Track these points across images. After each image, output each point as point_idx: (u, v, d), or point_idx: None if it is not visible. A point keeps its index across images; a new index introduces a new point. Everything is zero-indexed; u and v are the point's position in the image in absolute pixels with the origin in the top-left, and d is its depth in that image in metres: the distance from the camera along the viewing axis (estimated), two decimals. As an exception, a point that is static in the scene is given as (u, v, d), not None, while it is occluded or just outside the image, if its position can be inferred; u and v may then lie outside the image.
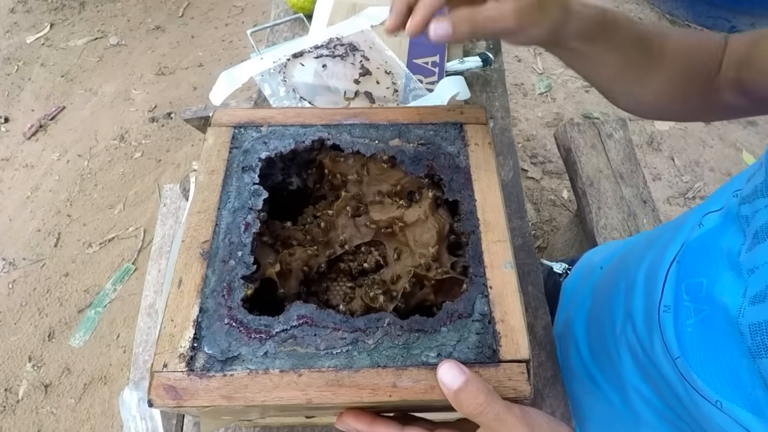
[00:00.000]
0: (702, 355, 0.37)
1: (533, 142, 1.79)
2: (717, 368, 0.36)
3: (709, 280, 0.38)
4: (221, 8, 2.29)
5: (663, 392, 0.44)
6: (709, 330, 0.37)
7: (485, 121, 0.45)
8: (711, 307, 0.37)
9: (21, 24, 2.22)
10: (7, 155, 1.80)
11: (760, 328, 0.31)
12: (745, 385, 0.33)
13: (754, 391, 0.33)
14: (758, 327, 0.31)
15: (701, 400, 0.37)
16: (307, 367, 0.32)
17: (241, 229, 0.38)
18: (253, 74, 0.73)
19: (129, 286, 1.48)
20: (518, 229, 0.70)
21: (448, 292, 0.41)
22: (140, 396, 0.68)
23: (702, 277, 0.39)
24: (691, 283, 0.40)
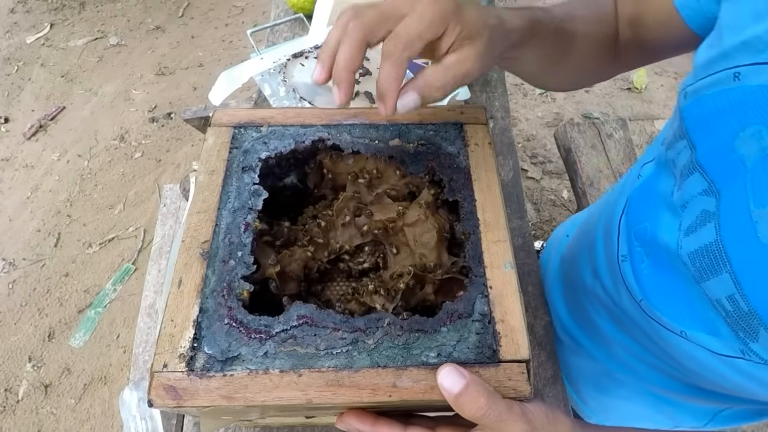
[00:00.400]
0: (660, 292, 0.41)
1: (533, 142, 1.79)
2: (674, 302, 0.40)
3: (651, 223, 0.42)
4: (221, 8, 2.29)
5: (636, 336, 0.48)
6: (660, 269, 0.41)
7: (485, 121, 0.45)
8: (656, 247, 0.41)
9: (21, 24, 2.23)
10: (7, 155, 1.80)
11: (698, 254, 0.34)
12: (699, 311, 0.37)
13: (706, 314, 0.36)
14: (696, 254, 0.35)
15: (668, 334, 0.41)
16: (307, 367, 0.32)
17: (241, 229, 0.38)
18: (253, 74, 0.73)
19: (129, 286, 1.49)
20: (518, 229, 0.70)
21: (448, 292, 0.41)
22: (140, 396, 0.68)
23: (645, 221, 0.43)
24: (638, 229, 0.45)
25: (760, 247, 0.30)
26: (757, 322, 0.31)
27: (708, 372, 0.40)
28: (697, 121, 0.36)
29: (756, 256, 0.30)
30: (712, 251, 0.33)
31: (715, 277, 0.33)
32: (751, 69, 0.32)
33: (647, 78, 1.93)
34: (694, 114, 0.37)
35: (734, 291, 0.32)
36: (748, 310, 0.31)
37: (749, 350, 0.33)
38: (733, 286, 0.32)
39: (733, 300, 0.32)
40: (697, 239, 0.35)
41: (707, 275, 0.34)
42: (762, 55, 0.31)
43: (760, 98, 0.31)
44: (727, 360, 0.36)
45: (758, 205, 0.30)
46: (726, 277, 0.32)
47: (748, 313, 0.31)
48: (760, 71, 0.31)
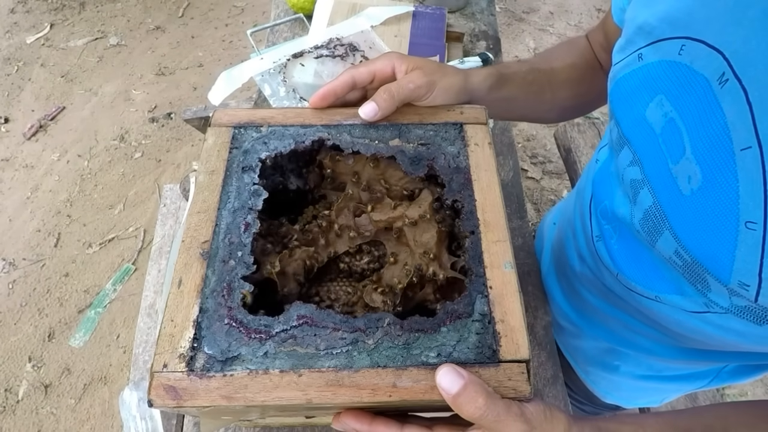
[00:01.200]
0: (631, 264, 0.45)
1: (533, 142, 1.79)
2: (643, 270, 0.43)
3: (609, 200, 0.47)
4: (221, 8, 2.29)
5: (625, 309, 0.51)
6: (626, 241, 0.45)
7: (485, 121, 0.45)
8: (617, 221, 0.45)
9: (21, 24, 2.23)
10: (7, 155, 1.80)
11: (645, 220, 0.38)
12: (665, 274, 0.40)
13: (671, 275, 0.39)
14: (643, 220, 0.38)
15: (647, 302, 0.44)
16: (307, 367, 0.32)
17: (241, 229, 0.38)
18: (253, 74, 0.73)
19: (129, 286, 1.49)
20: (518, 229, 0.70)
21: (448, 292, 0.41)
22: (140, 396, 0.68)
23: (605, 200, 0.48)
24: (601, 208, 0.49)
25: (683, 200, 0.34)
26: (702, 270, 0.34)
27: (690, 331, 0.42)
28: (618, 101, 0.42)
29: (684, 209, 0.34)
30: (653, 214, 0.37)
31: (660, 237, 0.37)
32: (649, 48, 0.37)
33: (647, 78, 1.93)
34: (615, 95, 0.42)
35: (677, 246, 0.35)
36: (692, 260, 0.34)
37: (710, 302, 0.35)
38: (674, 242, 0.35)
39: (679, 255, 0.35)
40: (641, 206, 0.39)
41: (655, 237, 0.37)
42: (652, 34, 0.37)
43: (660, 71, 0.36)
44: (699, 316, 0.38)
45: (673, 162, 0.35)
46: (667, 234, 0.36)
47: (692, 264, 0.34)
48: (657, 49, 0.37)
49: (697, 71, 0.33)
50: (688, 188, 0.33)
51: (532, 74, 0.53)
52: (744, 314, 0.33)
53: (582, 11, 2.29)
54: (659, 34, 0.36)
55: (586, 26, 2.21)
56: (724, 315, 0.35)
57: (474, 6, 0.96)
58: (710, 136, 0.31)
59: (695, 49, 0.33)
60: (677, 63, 0.34)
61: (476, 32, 0.91)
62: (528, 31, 2.18)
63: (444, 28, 0.83)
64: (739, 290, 0.31)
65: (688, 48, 0.34)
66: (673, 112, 0.35)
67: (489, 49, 0.89)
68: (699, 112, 0.32)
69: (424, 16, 0.85)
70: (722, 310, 0.35)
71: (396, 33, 0.82)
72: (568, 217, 0.64)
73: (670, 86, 0.35)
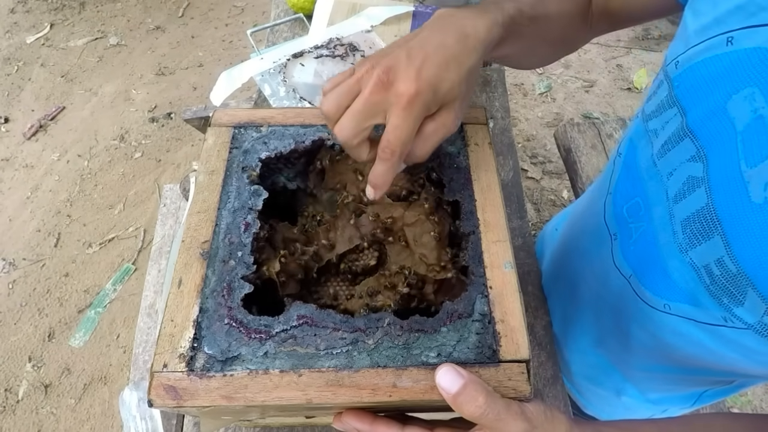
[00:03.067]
0: (645, 267, 0.43)
1: (533, 142, 1.79)
2: (658, 275, 0.41)
3: (641, 197, 0.43)
4: (221, 8, 2.29)
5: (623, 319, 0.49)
6: (645, 243, 0.43)
7: (485, 121, 0.45)
8: (648, 221, 0.42)
9: (21, 24, 2.23)
10: (7, 155, 1.80)
11: (690, 221, 0.35)
12: (680, 282, 0.38)
13: (687, 285, 0.37)
14: (688, 221, 0.35)
15: (652, 311, 0.42)
16: (307, 367, 0.32)
17: (241, 229, 0.38)
18: (253, 74, 0.73)
19: (129, 286, 1.48)
20: (518, 229, 0.70)
21: (448, 292, 0.41)
22: (140, 396, 0.68)
23: (636, 197, 0.44)
24: (631, 205, 0.45)
25: (751, 207, 0.31)
26: (745, 282, 0.32)
27: (691, 345, 0.41)
28: (689, 88, 0.37)
29: (747, 216, 0.31)
30: (703, 216, 0.34)
31: (707, 242, 0.34)
32: (744, 32, 0.32)
33: (647, 78, 1.94)
34: (687, 81, 0.37)
35: (724, 254, 0.32)
36: (737, 271, 0.32)
37: (732, 316, 0.34)
38: (723, 249, 0.32)
39: (721, 263, 0.33)
40: (689, 206, 0.35)
41: (698, 241, 0.35)
42: (755, 17, 0.32)
43: (755, 60, 0.31)
44: (710, 329, 0.37)
45: (750, 165, 0.31)
46: (717, 240, 0.33)
47: (736, 275, 0.32)
48: (754, 34, 0.32)
49: None
50: (761, 196, 0.30)
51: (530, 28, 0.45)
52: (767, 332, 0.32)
53: (582, 11, 2.28)
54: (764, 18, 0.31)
55: (586, 26, 2.21)
56: (742, 331, 0.34)
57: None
58: None
59: None
60: None
61: (476, 32, 0.91)
62: (528, 31, 2.17)
63: (444, 28, 0.83)
64: None
65: None
66: (765, 109, 0.31)
67: (489, 49, 0.88)
68: None
69: (424, 16, 0.84)
70: (743, 325, 0.33)
71: (396, 33, 0.82)
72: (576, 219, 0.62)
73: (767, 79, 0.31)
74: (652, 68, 1.97)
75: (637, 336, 0.48)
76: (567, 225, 0.67)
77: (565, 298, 0.63)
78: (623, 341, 0.52)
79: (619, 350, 0.53)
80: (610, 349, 0.55)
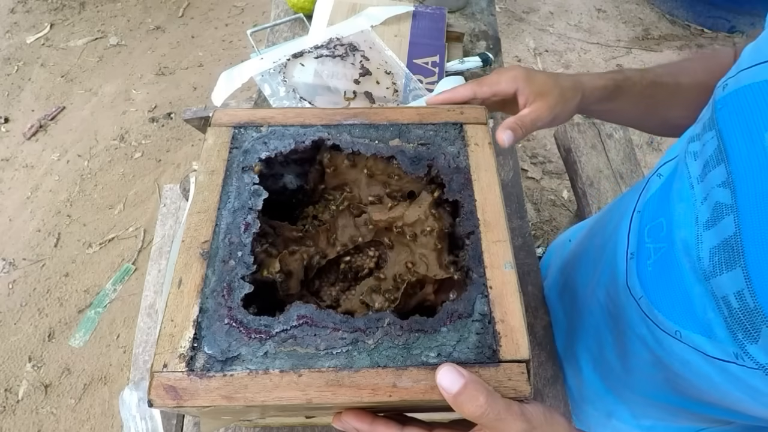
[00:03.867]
0: (660, 290, 0.42)
1: (533, 142, 1.79)
2: (674, 300, 0.40)
3: (666, 218, 0.43)
4: (221, 8, 2.29)
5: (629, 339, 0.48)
6: (665, 265, 0.41)
7: (485, 121, 0.45)
8: (669, 243, 0.41)
9: (21, 24, 2.23)
10: (7, 155, 1.80)
11: (718, 249, 0.34)
12: (698, 311, 0.37)
13: (705, 315, 0.36)
14: (716, 249, 0.34)
15: (662, 335, 0.41)
16: (307, 367, 0.32)
17: (241, 229, 0.38)
18: (253, 74, 0.73)
19: (129, 286, 1.48)
20: (518, 229, 0.70)
21: (448, 292, 0.41)
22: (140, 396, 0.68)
23: (661, 217, 0.44)
24: (653, 225, 0.45)
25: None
26: (761, 319, 0.31)
27: (697, 377, 0.40)
28: (730, 112, 0.36)
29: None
30: (730, 245, 0.33)
31: (729, 272, 0.33)
32: None
33: (647, 78, 1.93)
34: (729, 105, 0.37)
35: (744, 287, 0.31)
36: (755, 306, 0.31)
37: (744, 353, 0.33)
38: (743, 282, 0.31)
39: (740, 296, 0.32)
40: (718, 233, 0.34)
41: (721, 270, 0.33)
42: None
43: None
44: (719, 364, 0.36)
45: None
46: (738, 272, 0.32)
47: (753, 310, 0.31)
48: None
49: None
50: None
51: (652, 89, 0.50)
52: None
53: (582, 11, 2.29)
54: None
55: (586, 26, 2.21)
56: (752, 371, 0.33)
57: (474, 6, 0.96)
58: None
59: None
60: None
61: (476, 32, 0.91)
62: (528, 31, 2.18)
63: (444, 28, 0.83)
64: None
65: None
66: None
67: (489, 49, 0.89)
68: None
69: (424, 16, 0.85)
70: (754, 365, 0.32)
71: (396, 33, 0.82)
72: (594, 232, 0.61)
73: None
74: (652, 68, 1.97)
75: (641, 357, 0.47)
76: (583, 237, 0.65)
77: (570, 309, 0.62)
78: (624, 361, 0.50)
79: (618, 370, 0.52)
80: (609, 367, 0.54)
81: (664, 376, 0.45)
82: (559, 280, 0.66)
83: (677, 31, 2.12)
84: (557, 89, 0.47)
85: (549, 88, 0.47)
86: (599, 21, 2.23)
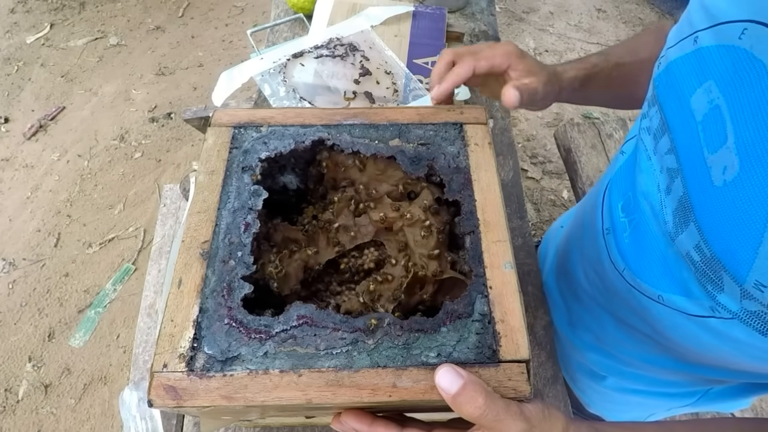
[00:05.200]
0: (639, 260, 0.44)
1: (533, 142, 1.79)
2: (651, 267, 0.42)
3: (632, 192, 0.46)
4: (221, 8, 2.29)
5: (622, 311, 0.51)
6: (640, 236, 0.44)
7: (485, 121, 0.45)
8: (639, 213, 0.44)
9: (21, 24, 2.22)
10: (7, 155, 1.80)
11: (676, 211, 0.37)
12: (674, 272, 0.39)
13: (680, 274, 0.38)
14: (675, 211, 0.37)
15: (648, 302, 0.44)
16: (307, 367, 0.32)
17: (241, 229, 0.38)
18: (253, 74, 0.73)
19: (129, 286, 1.48)
20: (518, 229, 0.70)
21: (448, 292, 0.41)
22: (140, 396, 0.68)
23: (629, 191, 0.47)
24: (625, 200, 0.48)
25: (714, 191, 0.33)
26: (719, 267, 0.33)
27: (686, 338, 0.41)
28: (665, 86, 0.40)
29: (712, 201, 0.33)
30: (683, 205, 0.36)
31: (686, 229, 0.36)
32: (707, 32, 0.35)
33: (647, 78, 1.93)
34: (664, 80, 0.41)
35: (699, 239, 0.34)
36: (711, 256, 0.33)
37: (717, 305, 0.35)
38: (697, 235, 0.34)
39: (699, 249, 0.34)
40: (674, 196, 0.38)
41: (681, 229, 0.36)
42: (715, 18, 0.35)
43: (714, 57, 0.34)
44: (700, 321, 0.38)
45: (711, 151, 0.33)
46: (692, 227, 0.35)
47: (711, 260, 0.33)
48: (715, 33, 0.35)
49: (756, 56, 0.31)
50: (720, 179, 0.32)
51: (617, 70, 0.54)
52: (751, 320, 0.33)
53: (582, 11, 2.29)
54: (722, 17, 0.34)
55: (586, 26, 2.21)
56: (729, 321, 0.35)
57: (474, 6, 0.96)
58: (758, 126, 0.30)
59: (758, 33, 0.31)
60: (735, 47, 0.33)
61: (476, 32, 0.91)
62: (528, 31, 2.18)
63: (444, 28, 0.83)
64: (754, 291, 0.31)
65: (750, 31, 0.32)
66: (720, 99, 0.33)
67: (489, 49, 0.88)
68: (750, 100, 0.31)
69: (424, 16, 0.85)
70: (729, 314, 0.34)
71: (396, 33, 0.82)
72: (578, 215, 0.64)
73: (723, 72, 0.33)
74: (652, 68, 1.97)
75: (637, 327, 0.49)
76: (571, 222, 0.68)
77: (567, 294, 0.63)
78: (623, 334, 0.52)
79: (619, 343, 0.54)
80: (611, 343, 0.56)
81: (661, 342, 0.47)
82: (555, 265, 0.68)
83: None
84: (545, 71, 0.50)
85: (539, 69, 0.49)
86: (599, 21, 2.23)
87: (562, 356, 0.65)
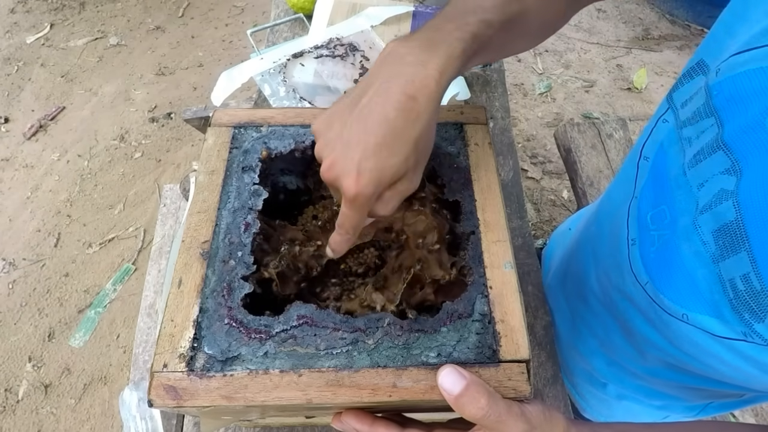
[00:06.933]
0: (665, 276, 0.41)
1: (533, 142, 1.79)
2: (679, 285, 0.40)
3: (668, 206, 0.42)
4: (221, 8, 2.29)
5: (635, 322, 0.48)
6: (669, 252, 0.41)
7: (485, 121, 0.45)
8: (672, 230, 0.41)
9: (21, 24, 2.23)
10: (7, 155, 1.80)
11: (720, 233, 0.34)
12: (704, 293, 0.37)
13: (711, 297, 0.36)
14: (719, 233, 0.34)
15: (669, 319, 0.41)
16: (307, 367, 0.32)
17: (241, 229, 0.38)
18: (253, 74, 0.73)
19: (129, 286, 1.48)
20: (518, 229, 0.70)
21: (448, 292, 0.41)
22: (140, 396, 0.68)
23: (662, 204, 0.43)
24: (656, 213, 0.44)
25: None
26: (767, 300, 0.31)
27: (707, 356, 0.40)
28: (728, 99, 0.36)
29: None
30: (732, 230, 0.33)
31: (734, 256, 0.33)
32: None
33: (647, 78, 1.94)
34: (727, 91, 0.36)
35: (750, 270, 0.32)
36: (761, 288, 0.31)
37: (752, 332, 0.33)
38: (749, 266, 0.32)
39: (746, 279, 0.32)
40: (717, 218, 0.35)
41: (727, 254, 0.34)
42: None
43: None
44: (728, 343, 0.36)
45: None
46: (743, 255, 0.32)
47: (760, 292, 0.31)
48: None
49: None
50: None
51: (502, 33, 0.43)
52: None
53: (582, 11, 2.28)
54: None
55: (586, 26, 2.21)
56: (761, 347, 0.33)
57: (474, 6, 0.96)
58: None
59: None
60: None
61: (476, 32, 0.91)
62: (528, 31, 2.17)
63: (444, 28, 0.83)
64: None
65: None
66: None
67: (489, 49, 0.88)
68: None
69: (424, 16, 0.84)
70: (763, 342, 0.33)
71: (396, 33, 0.82)
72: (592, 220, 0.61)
73: None
74: (651, 68, 1.97)
75: (649, 340, 0.47)
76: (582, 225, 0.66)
77: (574, 297, 0.62)
78: (634, 344, 0.51)
79: (628, 353, 0.53)
80: (618, 351, 0.54)
81: (674, 357, 0.45)
82: (562, 268, 0.67)
83: (677, 31, 2.12)
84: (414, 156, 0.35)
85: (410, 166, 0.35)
86: (599, 21, 2.23)
87: (563, 359, 0.65)
